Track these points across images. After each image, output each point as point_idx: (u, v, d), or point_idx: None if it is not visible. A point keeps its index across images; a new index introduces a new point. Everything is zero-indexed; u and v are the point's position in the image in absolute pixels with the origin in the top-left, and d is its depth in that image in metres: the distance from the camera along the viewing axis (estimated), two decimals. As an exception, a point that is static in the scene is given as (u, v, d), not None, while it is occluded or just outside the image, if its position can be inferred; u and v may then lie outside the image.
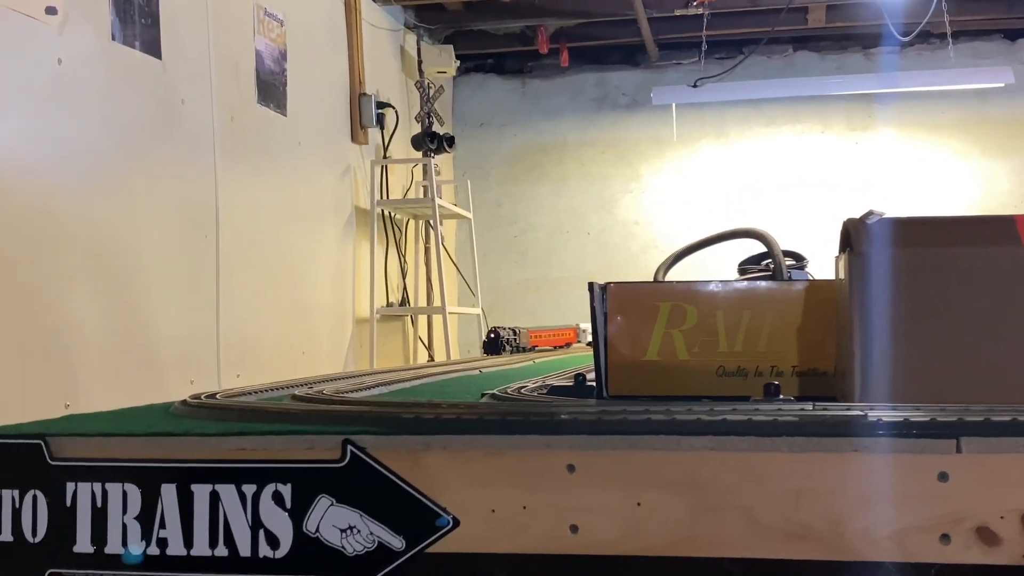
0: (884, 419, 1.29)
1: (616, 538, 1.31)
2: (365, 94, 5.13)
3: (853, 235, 1.59)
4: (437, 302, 5.44)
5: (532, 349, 4.42)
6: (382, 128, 5.35)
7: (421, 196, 5.60)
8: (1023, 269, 1.49)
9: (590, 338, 2.13)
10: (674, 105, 6.34)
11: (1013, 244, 1.51)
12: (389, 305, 5.51)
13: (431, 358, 3.17)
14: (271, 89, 4.18)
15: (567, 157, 7.24)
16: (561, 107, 7.23)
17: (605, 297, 2.09)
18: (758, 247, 2.32)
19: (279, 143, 4.26)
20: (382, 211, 5.40)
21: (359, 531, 1.34)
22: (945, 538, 1.25)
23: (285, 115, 4.30)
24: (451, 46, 6.18)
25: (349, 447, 1.35)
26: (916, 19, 5.74)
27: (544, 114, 7.25)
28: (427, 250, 5.92)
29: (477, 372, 3.10)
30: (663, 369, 2.02)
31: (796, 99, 6.83)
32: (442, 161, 6.91)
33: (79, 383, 2.96)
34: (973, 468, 1.24)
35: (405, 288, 5.77)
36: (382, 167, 5.39)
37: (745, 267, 2.49)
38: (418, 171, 5.85)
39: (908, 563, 1.27)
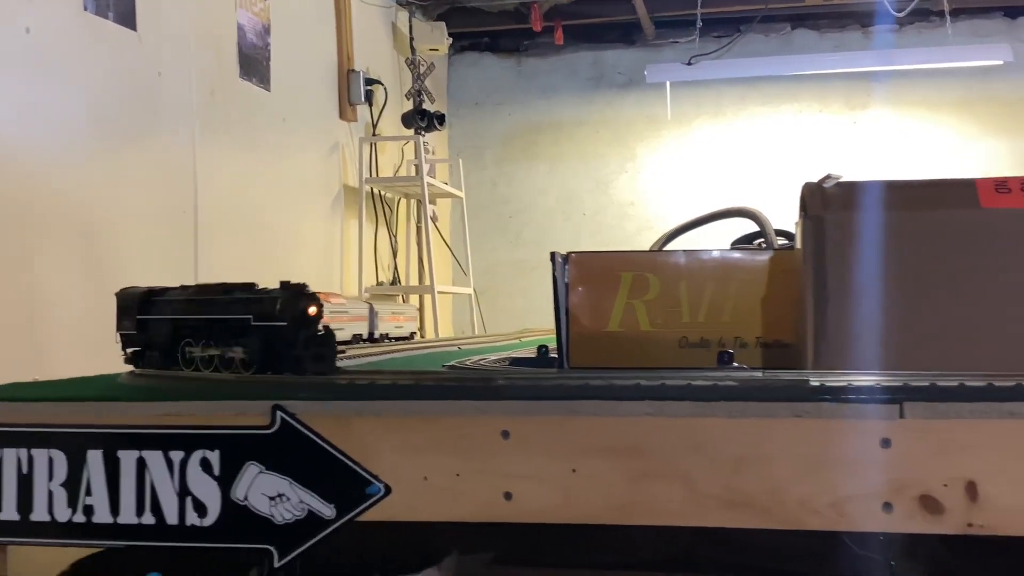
0: (826, 384, 1.25)
1: (551, 505, 1.28)
2: (353, 70, 5.08)
3: (808, 199, 1.55)
4: (428, 282, 5.40)
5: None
6: (371, 105, 5.30)
7: (412, 175, 5.55)
8: (982, 232, 1.45)
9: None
10: (668, 83, 6.28)
11: (972, 207, 1.46)
12: (379, 284, 5.47)
13: (412, 335, 3.14)
14: (254, 64, 4.13)
15: (562, 137, 7.18)
16: (557, 86, 7.17)
17: (567, 267, 2.05)
18: (752, 226, 2.28)
19: (263, 118, 4.22)
20: (371, 189, 5.36)
21: (288, 499, 1.31)
22: (888, 506, 1.21)
23: (269, 90, 4.25)
24: (443, 23, 6.12)
25: (279, 413, 1.31)
26: (915, -5, 5.67)
27: (540, 93, 7.19)
28: (419, 229, 5.88)
29: (456, 348, 3.06)
30: (625, 340, 1.98)
31: (794, 78, 6.75)
32: (436, 140, 6.86)
33: (50, 357, 2.93)
34: (917, 434, 1.20)
35: (396, 267, 5.73)
36: (371, 145, 5.35)
37: (738, 246, 2.45)
38: (409, 149, 5.80)
39: (850, 532, 1.23)
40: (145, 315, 1.69)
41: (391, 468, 1.30)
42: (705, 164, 7.03)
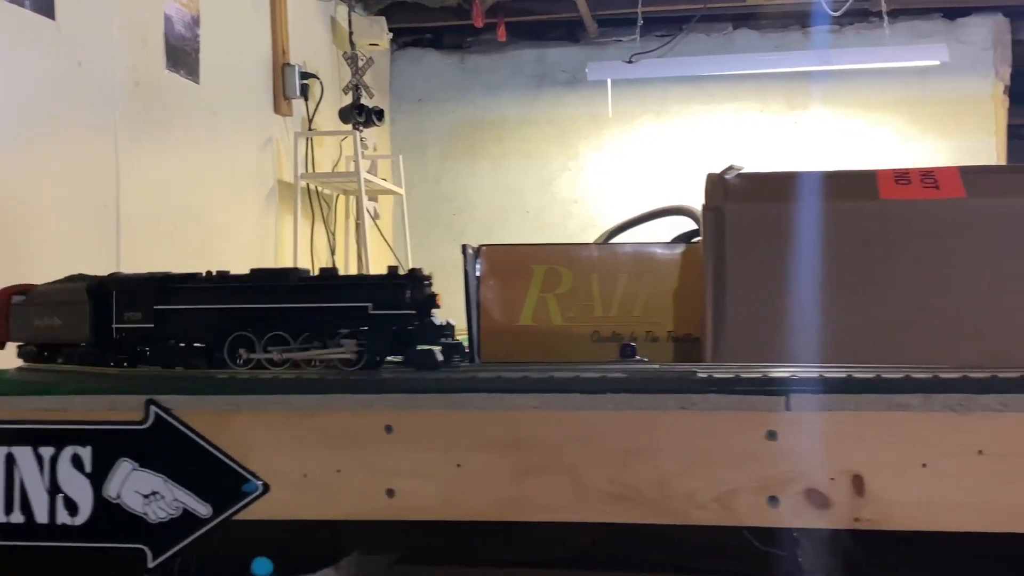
0: (714, 376, 1.23)
1: (434, 502, 1.24)
2: (289, 64, 5.00)
3: (709, 190, 1.53)
4: (365, 278, 5.33)
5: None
6: (307, 100, 5.23)
7: (351, 170, 5.48)
8: (880, 223, 1.44)
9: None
10: (609, 81, 6.27)
11: (871, 198, 1.45)
12: (317, 281, 5.39)
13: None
14: (182, 55, 4.05)
15: (506, 134, 7.15)
16: (501, 83, 7.13)
17: (478, 260, 2.02)
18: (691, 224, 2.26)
19: (191, 111, 4.13)
20: (308, 185, 5.29)
21: (163, 497, 1.26)
22: (774, 500, 1.18)
23: (198, 83, 4.16)
24: (383, 18, 6.05)
25: (153, 408, 1.26)
26: (853, -4, 5.71)
27: (484, 90, 7.14)
28: (358, 226, 5.81)
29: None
30: (537, 334, 1.96)
31: (736, 77, 6.76)
32: (379, 137, 6.80)
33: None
34: (802, 427, 1.18)
35: (334, 265, 5.65)
36: (307, 140, 5.27)
37: (677, 244, 2.43)
38: (348, 145, 5.73)
39: (735, 527, 1.21)
40: (168, 304, 1.43)
41: (270, 465, 1.26)
42: (648, 162, 7.03)
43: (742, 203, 1.47)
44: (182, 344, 1.45)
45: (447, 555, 1.59)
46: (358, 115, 5.34)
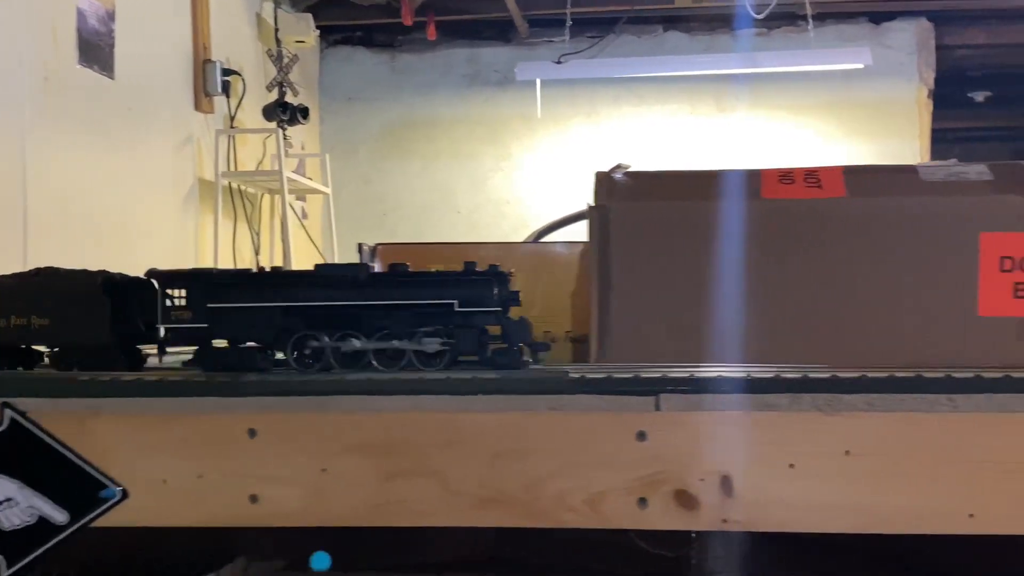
0: (586, 376, 1.21)
1: (299, 508, 1.21)
2: (210, 60, 4.91)
3: (596, 188, 1.51)
4: (290, 279, 5.25)
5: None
6: (228, 97, 5.14)
7: (276, 169, 5.40)
8: (761, 222, 1.43)
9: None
10: (539, 81, 6.26)
11: (753, 197, 1.44)
12: (241, 282, 5.30)
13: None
14: (95, 50, 3.95)
15: (438, 134, 7.11)
16: (432, 83, 7.09)
17: (374, 259, 1.98)
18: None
19: (106, 108, 4.03)
20: (230, 184, 5.20)
21: (17, 503, 1.21)
22: (643, 502, 1.17)
23: (113, 78, 4.07)
24: (310, 15, 5.98)
25: (7, 411, 1.21)
26: (781, 1, 5.76)
27: (415, 90, 7.09)
28: (283, 226, 5.73)
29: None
30: (432, 335, 1.92)
31: (666, 79, 6.79)
32: (308, 136, 6.72)
33: None
34: (672, 427, 1.17)
35: (259, 265, 5.57)
36: (229, 137, 5.18)
37: (576, 243, 2.42)
38: (273, 143, 5.65)
39: (604, 529, 1.19)
40: (221, 301, 1.34)
41: (129, 470, 1.22)
42: (580, 163, 7.03)
43: (628, 202, 1.46)
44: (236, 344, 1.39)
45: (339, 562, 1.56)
46: (282, 113, 5.27)
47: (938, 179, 1.41)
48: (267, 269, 1.47)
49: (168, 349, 1.42)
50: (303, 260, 5.71)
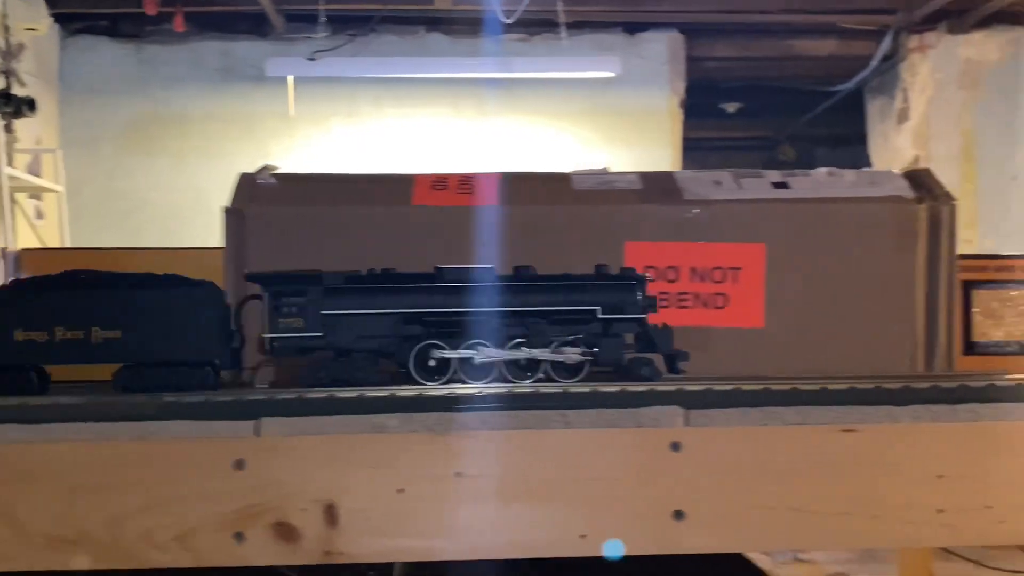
0: (180, 400, 1.10)
1: None
2: (-83, 46, 4.50)
3: (236, 191, 1.40)
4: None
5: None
6: (-59, 86, 4.72)
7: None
8: (411, 229, 1.36)
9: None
10: (291, 79, 6.09)
11: (402, 203, 1.37)
12: (-43, 286, 4.87)
13: None
14: None
15: (189, 130, 6.79)
16: (182, 76, 6.77)
17: (19, 269, 1.81)
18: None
19: None
20: (-57, 181, 4.78)
21: None
22: (239, 537, 1.06)
23: None
24: (42, 1, 5.58)
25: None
26: (535, 8, 5.83)
27: (163, 83, 6.76)
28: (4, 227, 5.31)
29: None
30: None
31: (429, 82, 6.76)
32: (45, 129, 6.27)
33: None
34: (273, 454, 1.07)
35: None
36: (-58, 130, 4.76)
37: None
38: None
39: (200, 568, 1.08)
40: (336, 308, 1.21)
41: None
42: (341, 165, 6.89)
43: (266, 206, 1.36)
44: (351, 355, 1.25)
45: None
46: (5, 105, 4.88)
47: (588, 187, 1.39)
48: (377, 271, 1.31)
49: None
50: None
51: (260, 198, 1.37)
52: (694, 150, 8.59)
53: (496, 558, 1.08)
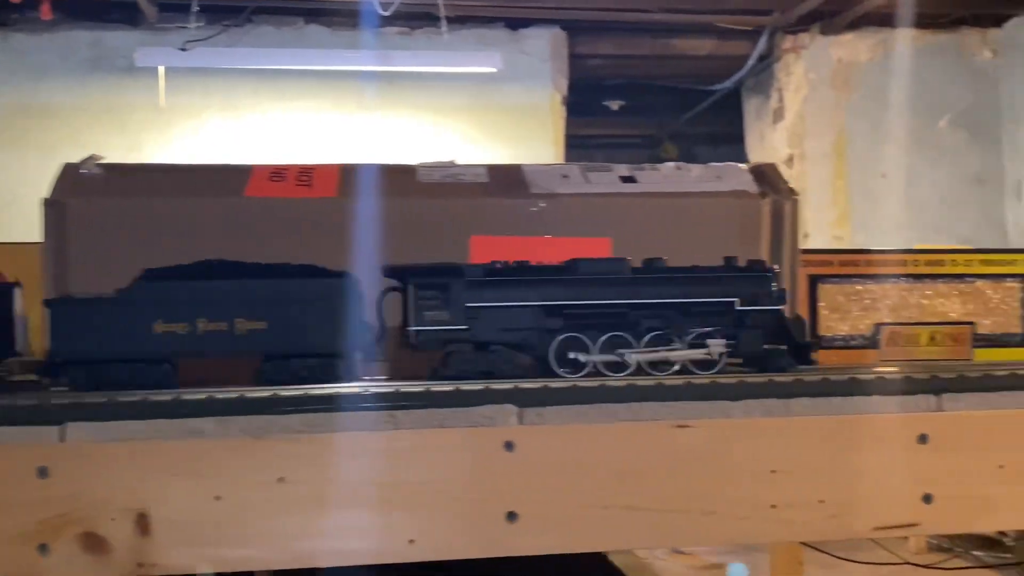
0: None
1: None
2: None
3: (57, 182, 1.33)
4: None
5: None
6: None
7: None
8: (243, 220, 1.31)
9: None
10: (162, 69, 5.90)
11: (234, 195, 1.32)
12: None
13: None
14: None
15: (57, 123, 6.53)
16: (49, 66, 6.50)
17: None
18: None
19: None
20: None
21: None
22: (44, 549, 1.00)
23: None
24: None
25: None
26: (415, 1, 5.77)
27: (29, 74, 6.48)
28: None
29: None
30: None
31: (309, 74, 6.63)
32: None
33: None
34: (81, 461, 1.01)
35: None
36: None
37: None
38: None
39: (1, 584, 1.01)
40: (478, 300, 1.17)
41: None
42: (218, 159, 6.71)
43: (90, 198, 1.29)
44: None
45: None
46: None
47: (434, 180, 1.36)
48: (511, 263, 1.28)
49: None
50: None
51: (83, 189, 1.30)
52: (579, 147, 8.63)
53: (321, 567, 1.04)
